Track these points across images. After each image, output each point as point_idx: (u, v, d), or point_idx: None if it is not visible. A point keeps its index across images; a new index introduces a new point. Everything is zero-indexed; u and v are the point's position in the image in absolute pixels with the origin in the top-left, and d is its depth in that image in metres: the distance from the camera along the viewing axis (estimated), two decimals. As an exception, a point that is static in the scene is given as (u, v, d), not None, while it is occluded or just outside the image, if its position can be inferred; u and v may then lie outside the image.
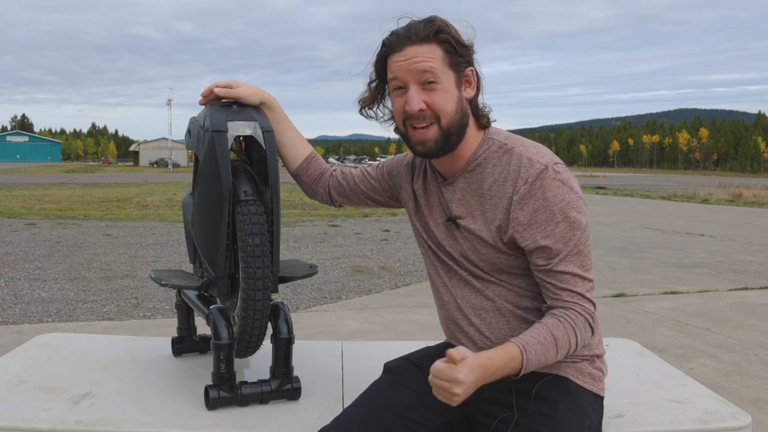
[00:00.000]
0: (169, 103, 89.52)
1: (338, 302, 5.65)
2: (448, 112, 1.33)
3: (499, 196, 1.35)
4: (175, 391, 1.67)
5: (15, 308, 5.25)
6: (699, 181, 49.37)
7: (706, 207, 18.69)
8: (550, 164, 1.32)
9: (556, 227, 1.29)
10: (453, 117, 1.34)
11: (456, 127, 1.35)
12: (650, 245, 9.60)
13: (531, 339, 1.25)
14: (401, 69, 1.33)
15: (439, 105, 1.33)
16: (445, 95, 1.33)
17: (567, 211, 1.30)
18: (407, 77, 1.33)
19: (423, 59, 1.31)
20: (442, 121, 1.33)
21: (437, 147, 1.36)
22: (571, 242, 1.30)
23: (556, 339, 1.26)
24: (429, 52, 1.32)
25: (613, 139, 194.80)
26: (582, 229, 1.31)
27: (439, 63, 1.33)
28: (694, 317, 5.20)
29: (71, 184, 29.40)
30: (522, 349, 1.22)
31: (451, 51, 1.34)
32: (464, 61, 1.36)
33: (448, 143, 1.36)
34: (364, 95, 1.47)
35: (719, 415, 1.58)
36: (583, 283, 1.31)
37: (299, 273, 1.67)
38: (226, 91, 1.57)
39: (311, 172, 1.70)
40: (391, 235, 10.66)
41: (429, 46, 1.32)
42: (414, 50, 1.32)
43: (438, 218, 1.47)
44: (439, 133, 1.34)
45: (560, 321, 1.28)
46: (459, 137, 1.37)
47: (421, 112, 1.33)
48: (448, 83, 1.34)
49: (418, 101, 1.33)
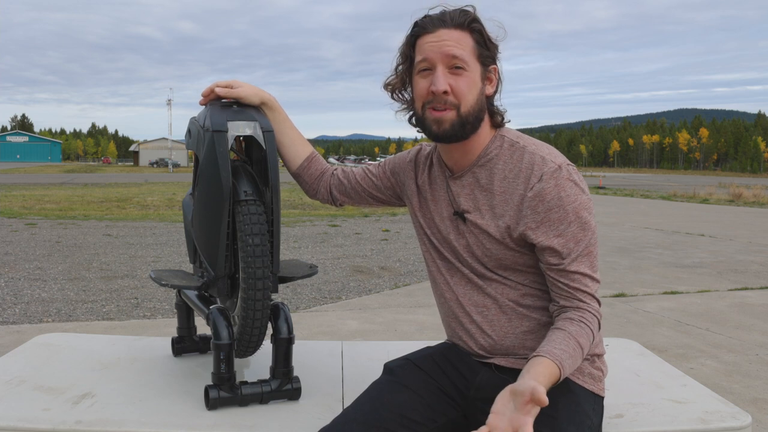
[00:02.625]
0: (169, 103, 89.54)
1: (338, 302, 5.65)
2: (469, 100, 1.34)
3: (509, 193, 1.36)
4: (175, 391, 1.66)
5: (15, 308, 5.25)
6: (699, 181, 49.36)
7: (706, 207, 18.69)
8: (564, 164, 1.33)
9: (569, 227, 1.30)
10: (472, 107, 1.35)
11: (473, 116, 1.36)
12: (650, 245, 9.60)
13: (564, 354, 1.23)
14: (432, 49, 1.34)
15: (462, 91, 1.33)
16: (469, 83, 1.34)
17: (579, 212, 1.30)
18: (436, 58, 1.34)
19: (454, 44, 1.33)
20: (461, 108, 1.34)
21: (452, 130, 1.36)
22: (582, 242, 1.31)
23: (582, 347, 1.27)
24: (461, 39, 1.33)
25: (613, 139, 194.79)
26: (592, 230, 1.33)
27: (468, 51, 1.34)
28: (694, 317, 5.20)
29: (71, 184, 29.40)
30: (560, 366, 1.21)
31: (481, 43, 1.35)
32: (490, 57, 1.37)
33: (463, 130, 1.36)
34: (391, 79, 1.46)
35: (719, 415, 1.58)
36: (593, 284, 1.32)
37: (299, 273, 1.67)
38: (226, 91, 1.57)
39: (312, 171, 1.71)
40: (391, 235, 10.66)
41: (462, 32, 1.34)
42: (447, 33, 1.33)
43: (444, 212, 1.47)
44: (456, 118, 1.34)
45: (581, 327, 1.28)
46: (474, 128, 1.37)
47: (445, 94, 1.33)
48: (474, 73, 1.35)
49: (444, 83, 1.33)
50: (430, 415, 1.39)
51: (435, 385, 1.43)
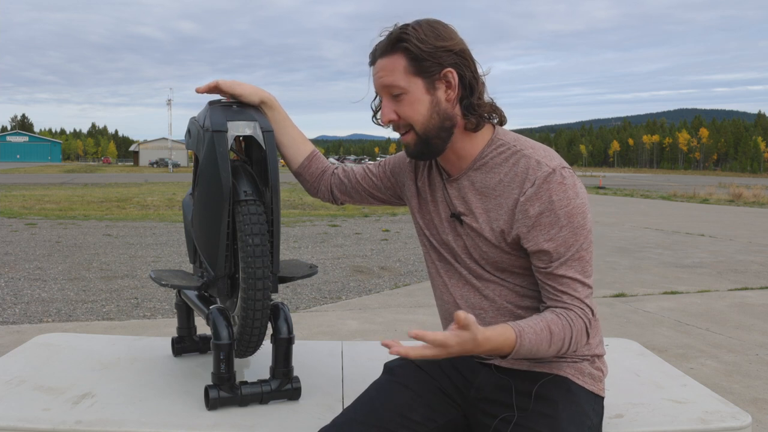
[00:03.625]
0: (168, 103, 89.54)
1: (338, 302, 5.65)
2: (419, 120, 1.35)
3: (504, 197, 1.35)
4: (175, 391, 1.67)
5: (15, 308, 5.25)
6: (699, 181, 49.37)
7: (706, 207, 18.69)
8: (558, 168, 1.31)
9: (560, 231, 1.29)
10: (427, 123, 1.35)
11: (434, 131, 1.36)
12: (650, 245, 9.60)
13: (528, 327, 1.24)
14: (375, 83, 1.40)
15: (407, 115, 1.36)
16: (412, 104, 1.35)
17: (571, 216, 1.29)
18: (379, 91, 1.39)
19: (384, 73, 1.35)
20: (416, 128, 1.36)
21: (418, 150, 1.39)
22: (573, 247, 1.29)
23: (552, 334, 1.25)
24: (391, 64, 1.34)
25: (613, 139, 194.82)
26: (585, 234, 1.30)
27: (401, 73, 1.34)
28: (694, 317, 5.20)
29: (71, 184, 29.41)
30: (518, 335, 1.22)
31: (415, 57, 1.32)
32: (434, 63, 1.32)
33: (430, 147, 1.37)
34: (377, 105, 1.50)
35: (719, 415, 1.58)
36: (583, 289, 1.30)
37: (299, 273, 1.67)
38: (230, 84, 1.58)
39: (313, 170, 1.71)
40: (391, 235, 10.66)
41: (391, 57, 1.35)
42: (380, 64, 1.37)
43: (442, 214, 1.48)
44: (416, 138, 1.37)
45: (559, 318, 1.28)
46: (443, 140, 1.37)
47: (391, 122, 1.38)
48: (415, 91, 1.34)
49: (388, 112, 1.37)
50: (430, 415, 1.39)
51: (435, 385, 1.43)
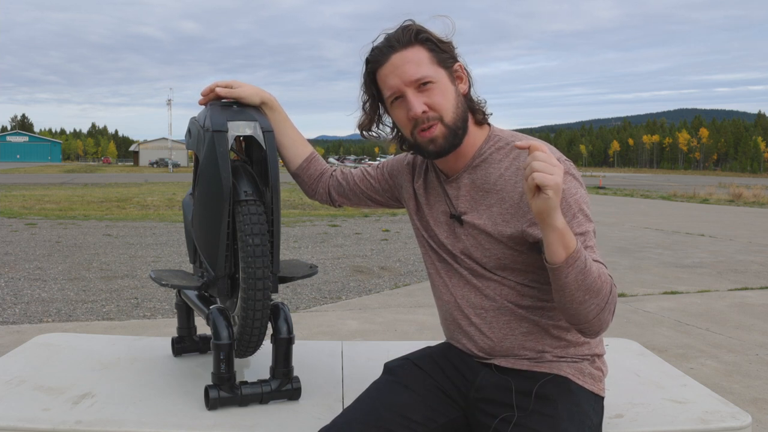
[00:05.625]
0: (169, 103, 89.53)
1: (338, 302, 5.65)
2: (449, 108, 1.35)
3: (507, 191, 1.36)
4: (175, 391, 1.67)
5: (15, 308, 5.25)
6: (699, 181, 49.36)
7: (706, 207, 18.69)
8: (562, 159, 1.33)
9: (573, 218, 1.29)
10: (455, 112, 1.35)
11: (460, 121, 1.37)
12: (650, 245, 9.60)
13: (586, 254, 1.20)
14: (393, 79, 1.35)
15: (439, 103, 1.34)
16: (443, 93, 1.34)
17: (581, 205, 1.31)
18: (401, 85, 1.34)
19: (410, 65, 1.33)
20: (445, 118, 1.34)
21: (446, 143, 1.36)
22: (587, 234, 1.30)
23: (600, 274, 1.21)
24: (414, 55, 1.33)
25: (613, 139, 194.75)
26: (592, 225, 1.33)
27: (426, 63, 1.34)
28: (694, 317, 5.20)
29: (71, 184, 29.40)
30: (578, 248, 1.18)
31: (435, 49, 1.35)
32: (449, 57, 1.37)
33: (457, 138, 1.37)
34: (361, 120, 1.48)
35: (719, 415, 1.58)
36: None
37: (299, 273, 1.67)
38: (227, 90, 1.57)
39: (311, 172, 1.71)
40: (391, 235, 10.66)
41: (413, 49, 1.34)
42: (399, 57, 1.34)
43: (440, 217, 1.48)
44: (445, 130, 1.35)
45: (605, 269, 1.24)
46: (464, 132, 1.38)
47: (424, 114, 1.34)
48: (442, 81, 1.35)
49: (419, 104, 1.33)
50: (430, 415, 1.38)
51: (435, 385, 1.43)
